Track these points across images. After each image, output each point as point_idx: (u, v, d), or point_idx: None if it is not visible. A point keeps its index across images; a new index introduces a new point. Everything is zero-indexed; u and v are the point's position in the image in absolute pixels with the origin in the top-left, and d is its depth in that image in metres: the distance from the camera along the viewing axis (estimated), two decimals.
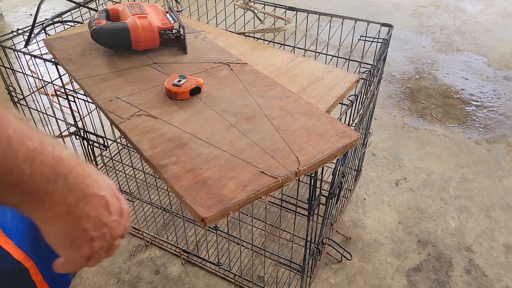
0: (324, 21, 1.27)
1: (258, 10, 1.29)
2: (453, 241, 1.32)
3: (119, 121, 0.78)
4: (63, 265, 0.47)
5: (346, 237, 1.33)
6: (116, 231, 0.46)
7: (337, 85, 0.96)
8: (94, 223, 0.43)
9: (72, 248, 0.43)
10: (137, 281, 1.21)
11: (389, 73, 2.15)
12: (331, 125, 0.77)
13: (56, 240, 0.43)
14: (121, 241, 0.49)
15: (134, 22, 0.96)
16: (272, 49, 1.11)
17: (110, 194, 0.45)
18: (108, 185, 0.45)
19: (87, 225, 0.42)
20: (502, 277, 1.22)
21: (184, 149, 0.71)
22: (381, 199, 1.46)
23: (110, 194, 0.45)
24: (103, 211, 0.43)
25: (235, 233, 1.29)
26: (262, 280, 1.20)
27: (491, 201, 1.45)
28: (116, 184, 1.42)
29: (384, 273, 1.23)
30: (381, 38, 1.13)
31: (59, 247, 0.44)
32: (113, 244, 0.47)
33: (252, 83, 0.90)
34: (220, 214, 0.60)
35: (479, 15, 2.78)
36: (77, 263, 0.46)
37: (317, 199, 0.86)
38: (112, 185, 0.46)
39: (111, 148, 1.62)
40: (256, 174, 0.66)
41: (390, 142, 1.71)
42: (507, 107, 1.92)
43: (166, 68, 0.95)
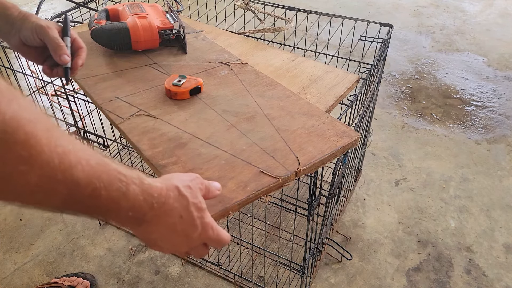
0: (324, 21, 1.27)
1: (258, 10, 1.29)
2: (453, 241, 1.32)
3: (119, 121, 0.78)
4: None
5: (346, 237, 1.33)
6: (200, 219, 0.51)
7: (337, 85, 0.96)
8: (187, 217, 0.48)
9: (186, 241, 0.50)
10: (137, 281, 1.21)
11: (389, 73, 2.15)
12: (331, 125, 0.77)
13: (170, 242, 0.49)
14: None
15: (134, 22, 0.96)
16: (272, 49, 1.11)
17: (196, 187, 0.51)
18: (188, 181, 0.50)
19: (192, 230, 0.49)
20: (502, 277, 1.22)
21: (184, 149, 0.71)
22: (381, 199, 1.46)
23: (196, 187, 0.51)
24: (197, 211, 0.49)
25: (235, 233, 1.29)
26: (262, 280, 1.20)
27: (491, 201, 1.45)
28: None
29: (384, 273, 1.23)
30: (381, 38, 1.13)
31: (173, 247, 0.50)
32: None
33: (252, 83, 0.90)
34: (220, 214, 0.60)
35: (479, 15, 2.78)
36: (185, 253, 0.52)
37: (317, 199, 0.86)
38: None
39: (111, 148, 1.62)
40: (256, 174, 0.66)
41: (390, 142, 1.71)
42: (507, 107, 1.92)
43: (166, 68, 0.95)
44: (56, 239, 1.33)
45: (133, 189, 0.42)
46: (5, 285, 1.21)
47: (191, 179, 0.51)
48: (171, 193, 0.46)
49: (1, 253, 1.30)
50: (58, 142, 0.36)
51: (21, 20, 0.71)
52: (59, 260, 1.27)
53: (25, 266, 1.26)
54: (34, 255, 1.29)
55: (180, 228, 0.47)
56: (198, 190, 0.51)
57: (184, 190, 0.48)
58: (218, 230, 0.51)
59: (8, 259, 1.28)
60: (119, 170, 0.41)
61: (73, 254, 1.29)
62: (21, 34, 0.72)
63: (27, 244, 1.32)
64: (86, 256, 1.28)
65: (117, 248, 1.30)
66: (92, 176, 0.38)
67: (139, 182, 0.43)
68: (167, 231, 0.47)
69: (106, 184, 0.39)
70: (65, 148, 0.36)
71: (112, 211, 0.41)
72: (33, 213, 1.42)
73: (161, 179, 0.48)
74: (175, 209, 0.47)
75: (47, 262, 1.27)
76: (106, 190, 0.39)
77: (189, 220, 0.48)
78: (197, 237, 0.49)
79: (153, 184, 0.44)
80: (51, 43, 0.71)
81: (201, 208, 0.49)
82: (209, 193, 0.54)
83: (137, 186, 0.42)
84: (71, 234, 1.35)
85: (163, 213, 0.46)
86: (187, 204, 0.48)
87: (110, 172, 0.40)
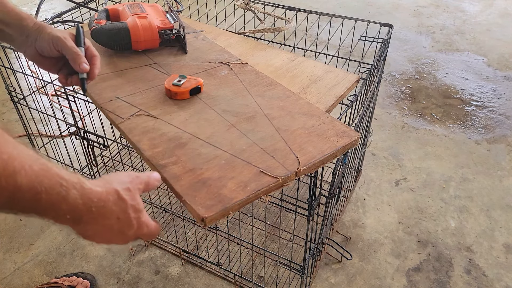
0: (324, 21, 1.27)
1: (258, 10, 1.29)
2: (453, 241, 1.32)
3: (119, 121, 0.78)
4: None
5: (346, 237, 1.33)
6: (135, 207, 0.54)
7: (337, 85, 0.96)
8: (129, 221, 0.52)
9: (121, 237, 0.53)
10: (137, 281, 1.21)
11: (389, 73, 2.15)
12: (331, 125, 0.77)
13: (105, 238, 0.52)
14: None
15: (134, 22, 0.96)
16: (272, 49, 1.11)
17: (135, 188, 0.53)
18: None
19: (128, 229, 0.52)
20: (502, 277, 1.22)
21: (184, 149, 0.71)
22: (381, 199, 1.46)
23: (135, 188, 0.53)
24: (134, 213, 0.52)
25: (235, 233, 1.29)
26: (262, 280, 1.20)
27: (491, 201, 1.45)
28: None
29: (384, 273, 1.23)
30: (381, 38, 1.13)
31: (108, 241, 0.53)
32: None
33: (252, 83, 0.90)
34: (220, 214, 0.60)
35: (479, 15, 2.78)
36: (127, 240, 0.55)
37: (317, 199, 0.86)
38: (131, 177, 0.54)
39: (111, 148, 1.62)
40: (256, 174, 0.66)
41: (390, 142, 1.71)
42: (507, 107, 1.92)
43: (166, 68, 0.95)
44: (56, 239, 1.33)
45: (73, 193, 0.44)
46: (5, 285, 1.21)
47: (130, 180, 0.54)
48: (111, 197, 0.49)
49: (1, 253, 1.30)
50: (3, 149, 0.37)
51: (36, 31, 0.73)
52: (59, 260, 1.27)
53: (25, 266, 1.26)
54: (34, 255, 1.29)
55: (116, 227, 0.51)
56: (137, 191, 0.54)
57: (123, 194, 0.51)
58: (151, 227, 0.56)
59: (8, 259, 1.28)
60: (60, 175, 0.43)
61: (73, 254, 1.29)
62: (37, 45, 0.73)
63: (27, 244, 1.32)
64: (86, 256, 1.28)
65: (117, 248, 1.30)
66: (34, 181, 0.40)
67: (79, 186, 0.45)
68: (103, 230, 0.50)
69: (47, 188, 0.41)
70: (10, 154, 0.38)
71: (51, 213, 0.43)
72: None
73: (102, 182, 0.50)
74: (113, 212, 0.49)
75: (47, 262, 1.27)
76: (47, 194, 0.41)
77: (126, 221, 0.51)
78: (132, 234, 0.53)
79: (93, 189, 0.47)
80: (69, 52, 0.72)
81: (138, 209, 0.53)
82: (149, 186, 0.57)
83: (77, 191, 0.44)
84: (71, 234, 1.35)
85: (101, 216, 0.48)
86: (126, 207, 0.51)
87: (52, 177, 0.42)
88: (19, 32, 0.73)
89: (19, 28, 0.72)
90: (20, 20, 0.72)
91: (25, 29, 0.72)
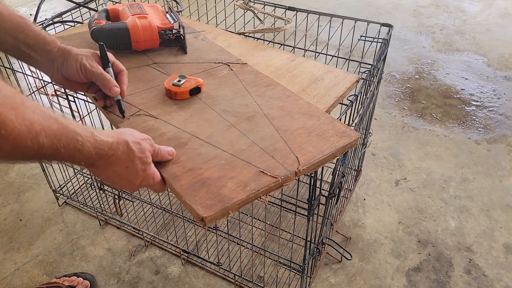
0: (324, 21, 1.27)
1: (258, 10, 1.29)
2: (453, 241, 1.32)
3: (119, 121, 0.78)
4: None
5: (346, 237, 1.33)
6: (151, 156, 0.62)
7: (337, 85, 0.96)
8: (140, 160, 0.59)
9: (129, 185, 0.61)
10: (137, 281, 1.21)
11: (389, 73, 2.15)
12: (331, 125, 0.77)
13: (115, 183, 0.60)
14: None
15: (134, 22, 0.96)
16: (272, 49, 1.11)
17: (145, 144, 0.61)
18: (141, 142, 0.60)
19: (136, 179, 0.60)
20: (502, 277, 1.22)
21: (184, 148, 0.71)
22: (381, 199, 1.46)
23: (145, 144, 0.61)
24: (141, 164, 0.60)
25: (235, 233, 1.30)
26: (262, 280, 1.20)
27: (491, 201, 1.45)
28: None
29: (384, 273, 1.23)
30: (381, 38, 1.13)
31: (118, 187, 0.62)
32: None
33: (252, 83, 0.90)
34: (220, 214, 0.60)
35: (479, 15, 2.78)
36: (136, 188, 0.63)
37: (317, 199, 0.86)
38: (144, 139, 0.61)
39: None
40: (256, 174, 0.66)
41: (390, 142, 1.71)
42: (507, 107, 1.92)
43: (166, 68, 0.95)
44: (56, 239, 1.33)
45: (87, 146, 0.52)
46: (5, 285, 1.21)
47: (142, 138, 0.61)
48: (120, 147, 0.57)
49: (1, 253, 1.30)
50: (25, 116, 0.44)
51: (61, 57, 0.73)
52: (59, 260, 1.27)
53: (25, 266, 1.26)
54: (34, 255, 1.29)
55: (124, 175, 0.58)
56: (147, 147, 0.60)
57: (132, 145, 0.58)
58: (156, 180, 0.63)
59: (8, 259, 1.28)
60: (76, 131, 0.51)
61: (73, 254, 1.29)
62: (63, 71, 0.74)
63: (27, 244, 1.32)
64: (86, 256, 1.28)
65: (117, 248, 1.30)
66: (53, 139, 0.47)
67: (93, 140, 0.53)
68: (113, 175, 0.58)
69: (65, 144, 0.49)
70: (31, 120, 0.45)
71: (68, 161, 0.52)
72: (33, 213, 1.42)
73: (114, 133, 0.57)
74: (122, 160, 0.57)
75: (47, 262, 1.27)
76: (65, 149, 0.49)
77: (133, 170, 0.59)
78: (139, 183, 0.61)
79: (105, 140, 0.55)
80: (99, 79, 0.74)
81: (146, 162, 0.60)
82: (158, 155, 0.64)
83: (91, 144, 0.52)
84: (71, 234, 1.35)
85: (110, 163, 0.56)
86: (133, 157, 0.58)
87: (68, 134, 0.49)
88: (45, 58, 0.72)
89: (44, 52, 0.72)
90: (44, 44, 0.72)
91: (50, 54, 0.72)
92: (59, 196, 1.44)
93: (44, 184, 1.52)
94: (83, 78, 0.74)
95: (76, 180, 1.49)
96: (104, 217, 1.37)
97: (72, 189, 1.46)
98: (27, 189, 1.51)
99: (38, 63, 0.73)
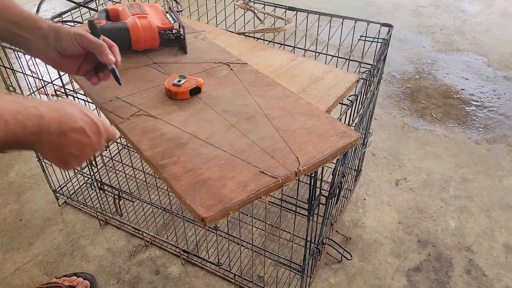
0: (324, 21, 1.27)
1: (258, 10, 1.29)
2: (453, 241, 1.32)
3: (119, 121, 0.78)
4: None
5: (346, 237, 1.33)
6: (96, 146, 0.63)
7: (337, 85, 0.96)
8: (75, 147, 0.59)
9: (64, 164, 0.61)
10: (137, 281, 1.21)
11: (389, 73, 2.15)
12: (331, 125, 0.77)
13: (52, 160, 0.60)
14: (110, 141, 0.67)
15: (134, 22, 0.96)
16: (272, 49, 1.11)
17: (87, 122, 0.60)
18: (83, 116, 0.60)
19: (71, 149, 0.59)
20: (502, 277, 1.22)
21: (184, 149, 0.71)
22: (381, 199, 1.46)
23: (87, 122, 0.60)
24: (82, 136, 0.59)
25: (235, 233, 1.30)
26: (262, 280, 1.20)
27: (491, 201, 1.45)
28: (116, 184, 1.42)
29: (384, 273, 1.23)
30: (381, 38, 1.13)
31: (55, 164, 0.61)
32: (98, 148, 0.64)
33: (252, 83, 0.90)
34: (220, 214, 0.60)
35: (479, 15, 2.78)
36: (71, 168, 0.64)
37: (317, 199, 0.86)
38: (89, 115, 0.61)
39: (111, 148, 1.62)
40: (256, 174, 0.66)
41: (390, 142, 1.71)
42: (507, 107, 1.92)
43: (166, 68, 0.95)
44: (56, 239, 1.33)
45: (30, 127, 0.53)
46: (5, 285, 1.21)
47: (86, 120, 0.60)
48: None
49: (1, 253, 1.30)
50: None
51: (53, 32, 0.73)
52: (59, 260, 1.27)
53: (25, 266, 1.26)
54: (34, 255, 1.29)
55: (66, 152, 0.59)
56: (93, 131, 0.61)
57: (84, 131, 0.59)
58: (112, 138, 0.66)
59: (8, 259, 1.28)
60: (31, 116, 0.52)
61: (73, 254, 1.29)
62: (58, 45, 0.73)
63: (27, 244, 1.32)
64: (86, 256, 1.28)
65: (117, 248, 1.30)
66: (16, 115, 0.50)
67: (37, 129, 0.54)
68: (50, 153, 0.58)
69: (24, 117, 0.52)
70: None
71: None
72: (33, 213, 1.42)
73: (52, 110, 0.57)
74: (71, 144, 0.59)
75: (47, 262, 1.27)
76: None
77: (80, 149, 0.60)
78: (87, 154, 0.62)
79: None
80: (96, 46, 0.74)
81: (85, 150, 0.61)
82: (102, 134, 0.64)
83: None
84: (71, 234, 1.35)
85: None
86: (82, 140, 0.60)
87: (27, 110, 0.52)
88: (36, 35, 0.72)
89: (35, 30, 0.72)
90: (34, 22, 0.72)
91: (41, 31, 0.72)
92: (59, 196, 1.44)
93: (44, 184, 1.52)
94: (78, 47, 0.73)
95: (76, 180, 1.49)
96: (104, 217, 1.37)
97: (72, 189, 1.46)
98: (27, 189, 1.51)
99: (30, 43, 0.73)
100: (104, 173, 1.50)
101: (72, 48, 0.73)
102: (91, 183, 1.35)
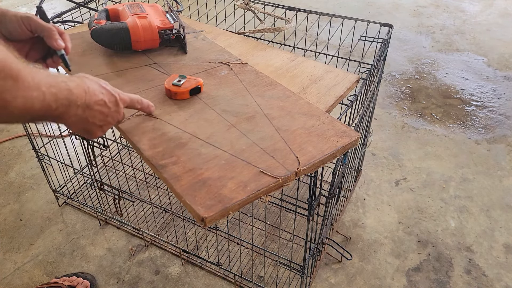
0: (324, 21, 1.27)
1: (258, 10, 1.29)
2: (453, 241, 1.32)
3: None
4: None
5: (346, 237, 1.33)
6: (115, 115, 0.69)
7: (337, 85, 0.96)
8: (98, 118, 0.65)
9: (89, 134, 0.67)
10: (137, 281, 1.21)
11: (389, 73, 2.15)
12: (331, 125, 0.77)
13: (78, 131, 0.66)
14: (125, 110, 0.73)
15: (134, 22, 0.96)
16: (272, 49, 1.11)
17: (105, 94, 0.65)
18: (101, 89, 0.65)
19: (95, 120, 0.65)
20: (502, 277, 1.22)
21: (184, 149, 0.71)
22: (381, 199, 1.46)
23: (105, 94, 0.65)
24: (103, 108, 0.65)
25: (235, 233, 1.30)
26: (262, 280, 1.20)
27: (491, 201, 1.45)
28: (116, 184, 1.42)
29: (384, 273, 1.23)
30: (381, 38, 1.13)
31: (82, 134, 0.67)
32: (118, 117, 0.70)
33: (252, 83, 0.90)
34: (220, 214, 0.60)
35: (479, 15, 2.78)
36: (96, 137, 0.70)
37: (317, 199, 0.86)
38: (105, 87, 0.65)
39: (111, 148, 1.62)
40: (256, 174, 0.66)
41: (390, 142, 1.71)
42: (507, 107, 1.92)
43: (166, 68, 0.95)
44: (56, 239, 1.33)
45: None
46: (5, 285, 1.21)
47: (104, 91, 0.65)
48: None
49: (1, 253, 1.30)
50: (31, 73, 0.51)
51: None
52: (59, 260, 1.27)
53: (25, 266, 1.26)
54: (34, 255, 1.29)
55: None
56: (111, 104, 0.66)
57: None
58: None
59: (8, 259, 1.28)
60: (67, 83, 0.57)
61: (73, 254, 1.29)
62: (3, 28, 0.70)
63: (27, 244, 1.32)
64: (86, 256, 1.28)
65: (117, 248, 1.30)
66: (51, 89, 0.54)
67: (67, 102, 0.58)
68: (77, 124, 0.63)
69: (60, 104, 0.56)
70: (33, 74, 0.51)
71: None
72: (33, 213, 1.42)
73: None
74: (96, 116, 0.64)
75: (47, 262, 1.27)
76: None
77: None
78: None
79: None
80: (45, 29, 0.72)
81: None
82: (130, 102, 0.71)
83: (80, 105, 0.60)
84: (71, 234, 1.35)
85: None
86: None
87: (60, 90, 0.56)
88: None
89: None
90: None
91: None
92: (59, 196, 1.44)
93: (44, 184, 1.52)
94: (26, 31, 0.71)
95: (76, 180, 1.49)
96: (104, 217, 1.37)
97: (72, 189, 1.46)
98: (27, 189, 1.51)
99: None
100: (104, 173, 1.50)
101: (18, 31, 0.70)
102: (91, 183, 1.35)
